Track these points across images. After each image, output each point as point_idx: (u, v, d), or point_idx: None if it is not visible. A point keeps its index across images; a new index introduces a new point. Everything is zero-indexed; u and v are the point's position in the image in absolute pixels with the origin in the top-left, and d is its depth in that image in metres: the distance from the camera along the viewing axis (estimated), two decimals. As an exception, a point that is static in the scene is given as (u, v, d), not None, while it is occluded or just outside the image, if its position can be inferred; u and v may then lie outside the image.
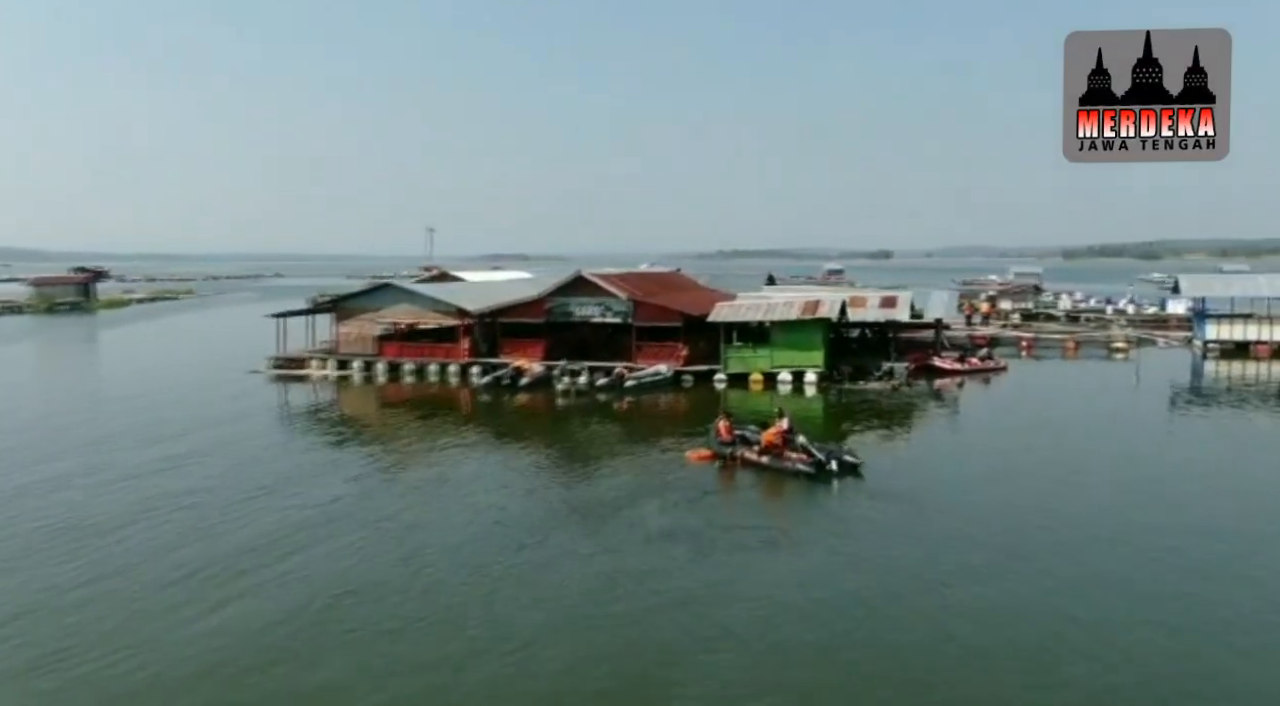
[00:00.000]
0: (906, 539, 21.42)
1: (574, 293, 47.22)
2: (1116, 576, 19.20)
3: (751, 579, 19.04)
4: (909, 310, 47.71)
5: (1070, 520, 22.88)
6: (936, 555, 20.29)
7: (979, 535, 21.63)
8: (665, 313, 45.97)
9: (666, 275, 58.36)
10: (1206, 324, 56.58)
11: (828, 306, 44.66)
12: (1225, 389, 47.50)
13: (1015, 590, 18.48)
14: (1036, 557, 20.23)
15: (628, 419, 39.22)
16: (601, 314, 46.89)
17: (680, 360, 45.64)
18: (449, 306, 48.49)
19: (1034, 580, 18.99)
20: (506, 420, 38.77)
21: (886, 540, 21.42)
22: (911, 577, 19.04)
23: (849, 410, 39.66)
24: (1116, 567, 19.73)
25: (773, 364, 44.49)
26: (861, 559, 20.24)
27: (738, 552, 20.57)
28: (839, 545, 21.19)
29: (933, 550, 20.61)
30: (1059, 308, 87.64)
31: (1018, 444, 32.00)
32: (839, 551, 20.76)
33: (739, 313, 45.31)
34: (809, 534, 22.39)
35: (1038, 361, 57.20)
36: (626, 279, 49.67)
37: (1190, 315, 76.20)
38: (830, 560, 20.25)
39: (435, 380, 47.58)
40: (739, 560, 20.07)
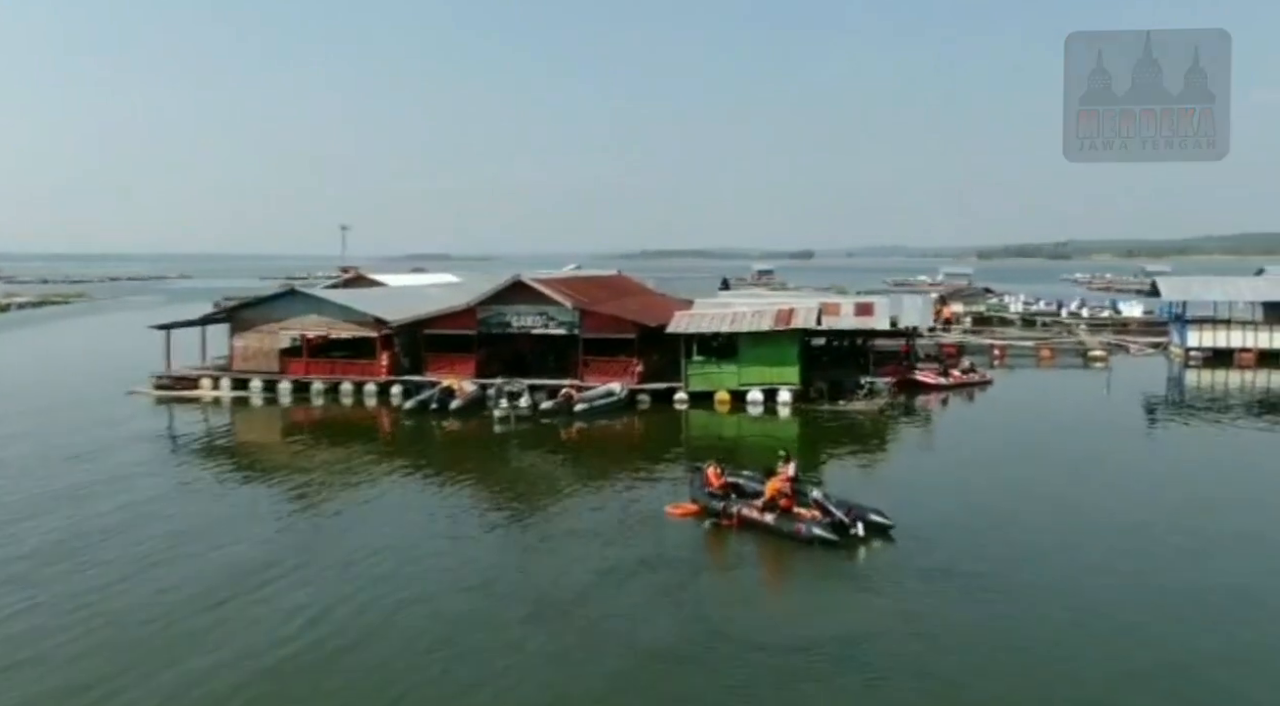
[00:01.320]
0: (1004, 649, 15.51)
1: (511, 300, 40.68)
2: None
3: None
4: (887, 319, 42.23)
5: (1218, 611, 17.21)
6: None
7: (1095, 631, 15.83)
8: (617, 323, 39.71)
9: (612, 279, 52.05)
10: (1188, 330, 52.26)
11: (803, 315, 38.84)
12: (1240, 404, 42.86)
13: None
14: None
15: (579, 450, 32.92)
16: (543, 324, 40.44)
17: (634, 377, 39.45)
18: (364, 316, 41.53)
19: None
20: (433, 452, 32.10)
21: (979, 659, 15.42)
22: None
23: (833, 436, 33.89)
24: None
25: (741, 381, 38.53)
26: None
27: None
28: (921, 668, 15.12)
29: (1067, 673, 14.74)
30: (1010, 310, 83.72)
31: (1053, 483, 26.47)
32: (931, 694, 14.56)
33: (702, 323, 39.25)
34: (863, 655, 15.37)
35: (1011, 371, 52.33)
36: (571, 284, 43.28)
37: (1161, 319, 72.71)
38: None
39: (349, 401, 40.64)
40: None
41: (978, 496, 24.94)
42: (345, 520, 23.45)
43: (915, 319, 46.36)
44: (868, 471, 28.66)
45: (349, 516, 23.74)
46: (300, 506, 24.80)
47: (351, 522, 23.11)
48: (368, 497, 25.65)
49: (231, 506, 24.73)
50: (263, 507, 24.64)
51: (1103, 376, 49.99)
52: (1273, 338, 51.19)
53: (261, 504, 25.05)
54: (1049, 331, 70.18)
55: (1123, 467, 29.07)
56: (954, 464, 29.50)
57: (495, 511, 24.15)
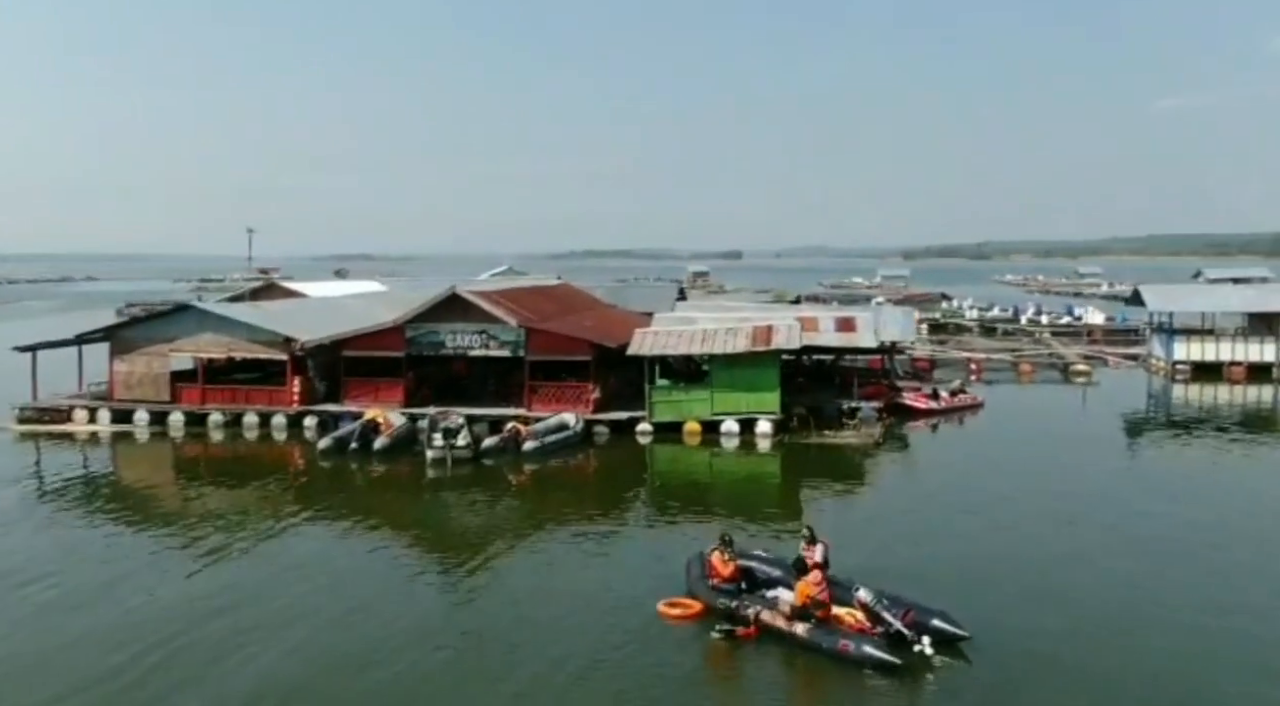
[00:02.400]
0: None
1: (445, 316, 34.69)
2: None
3: None
4: (872, 335, 37.16)
5: None
6: None
7: None
8: (569, 343, 33.99)
9: (559, 289, 46.13)
10: (1175, 342, 48.34)
11: (784, 333, 33.54)
12: (1261, 426, 38.65)
13: None
14: None
15: (530, 501, 27.18)
16: (483, 345, 34.55)
17: (590, 406, 33.81)
18: (272, 335, 35.15)
19: None
20: (349, 505, 25.90)
21: None
22: None
23: (825, 476, 28.70)
24: None
25: (714, 410, 33.12)
26: None
27: None
28: None
29: None
30: (966, 317, 79.94)
31: (1115, 552, 21.53)
32: None
33: (668, 343, 33.74)
34: None
35: (990, 387, 47.84)
36: (514, 297, 37.40)
37: (1125, 327, 69.33)
38: None
39: (255, 436, 34.31)
40: None
41: (1043, 578, 19.72)
42: (236, 591, 17.67)
43: (896, 333, 41.55)
44: (885, 532, 23.30)
45: (241, 585, 17.88)
46: (193, 565, 19.32)
47: (242, 595, 17.35)
48: (268, 558, 19.93)
49: (106, 565, 19.49)
50: (144, 568, 18.99)
51: (1090, 392, 45.90)
52: (1263, 350, 47.53)
53: (143, 566, 19.38)
54: (1015, 340, 66.26)
55: (1181, 524, 24.23)
56: (991, 524, 24.15)
57: (425, 597, 18.28)
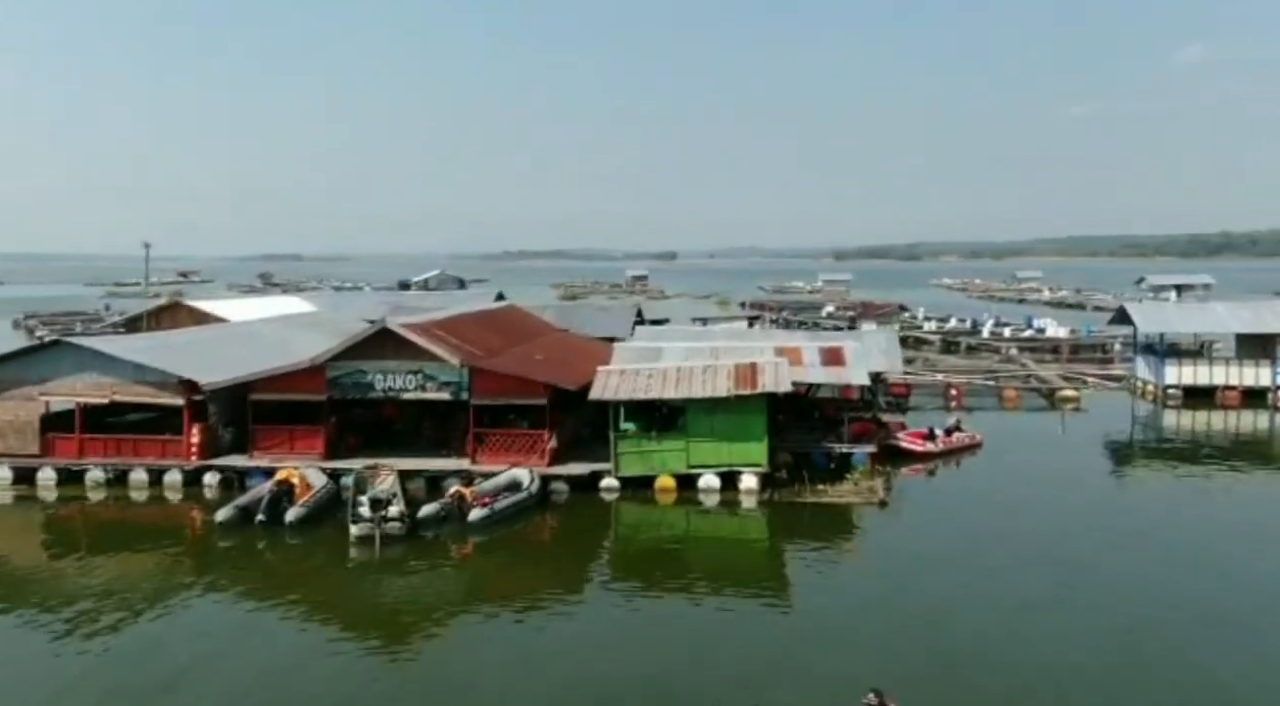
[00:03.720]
0: None
1: (374, 353, 29.24)
2: None
3: None
4: (865, 369, 32.53)
5: None
6: None
7: None
8: (521, 385, 28.76)
9: (504, 315, 40.53)
10: (1166, 365, 44.82)
11: (771, 373, 28.72)
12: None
13: None
14: None
15: (479, 596, 21.87)
16: (419, 386, 29.17)
17: (545, 456, 28.68)
18: (166, 375, 29.32)
19: None
20: (251, 593, 20.47)
21: None
22: None
23: (821, 540, 24.00)
24: None
25: (690, 462, 28.21)
26: None
27: None
28: None
29: None
30: (925, 329, 76.35)
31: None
32: None
33: (638, 384, 28.71)
34: None
35: (973, 415, 43.70)
36: (455, 328, 32.00)
37: (1090, 341, 66.25)
38: None
39: (144, 496, 28.54)
40: None
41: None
42: None
43: (883, 363, 36.98)
44: (902, 621, 18.56)
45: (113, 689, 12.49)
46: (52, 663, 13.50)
47: None
48: (144, 656, 14.32)
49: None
50: None
51: (1079, 420, 42.16)
52: (1258, 374, 44.24)
53: None
54: (981, 356, 62.60)
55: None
56: (1019, 606, 19.68)
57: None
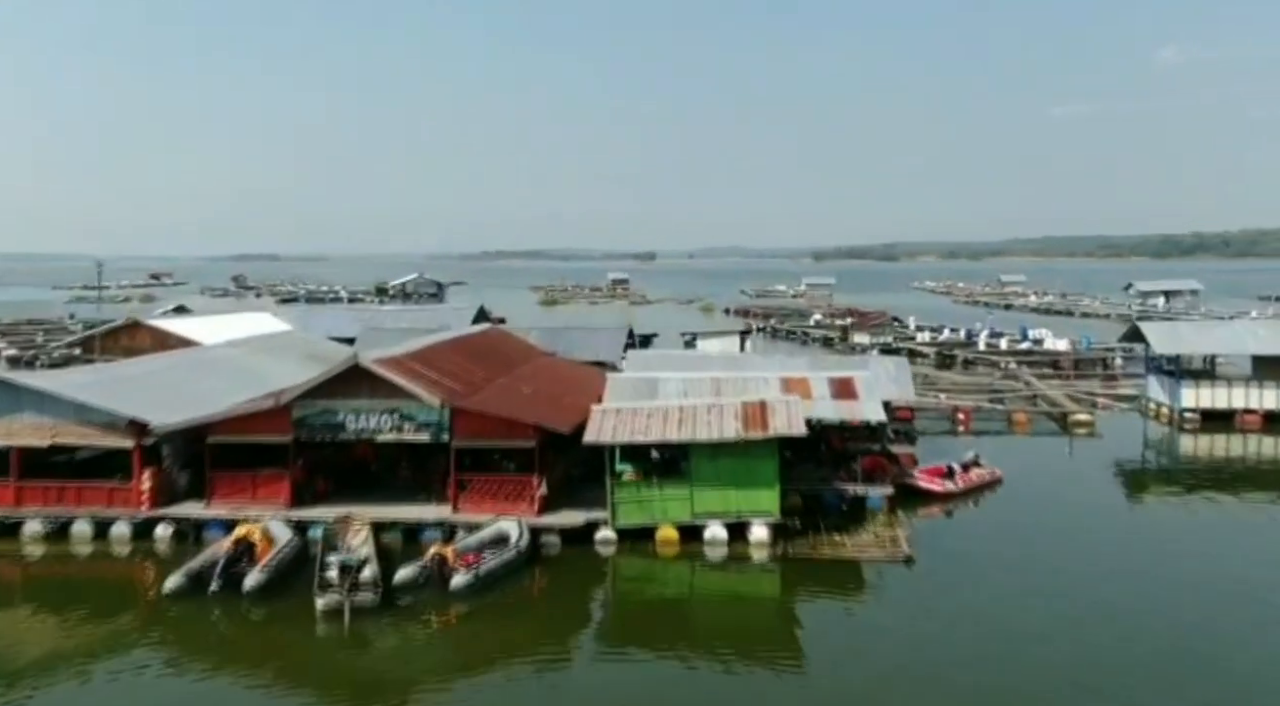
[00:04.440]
0: None
1: (345, 391, 26.34)
2: None
3: None
4: (879, 401, 29.89)
5: None
6: None
7: None
8: (508, 426, 25.92)
9: (487, 340, 37.33)
10: (1182, 387, 42.56)
11: (784, 413, 26.01)
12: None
13: None
14: None
15: (468, 659, 19.09)
16: (395, 427, 26.30)
17: (535, 504, 25.92)
18: (113, 416, 26.30)
19: None
20: (204, 678, 17.64)
21: None
22: None
23: (839, 597, 21.38)
24: None
25: (695, 511, 25.50)
26: None
27: None
28: None
29: None
30: (918, 341, 74.00)
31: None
32: None
33: (637, 425, 25.94)
34: None
35: (981, 439, 41.36)
36: (434, 359, 29.10)
37: (1090, 355, 64.12)
38: None
39: (88, 550, 25.58)
40: None
41: None
42: None
43: (893, 391, 34.33)
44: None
45: None
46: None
47: None
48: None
49: None
50: None
51: (1094, 446, 39.94)
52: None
53: None
54: (977, 372, 60.24)
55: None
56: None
57: None
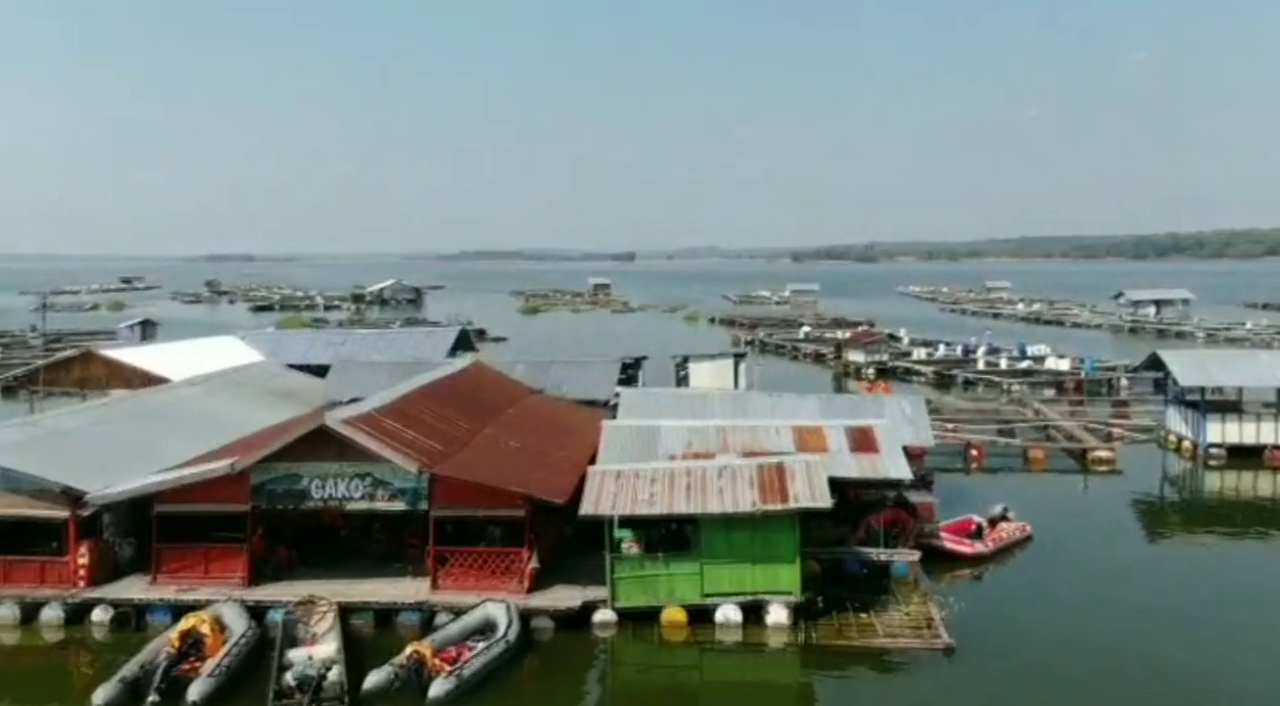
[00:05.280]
0: None
1: (311, 454, 23.21)
2: None
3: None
4: (900, 454, 27.03)
5: None
6: None
7: None
8: (495, 494, 22.91)
9: (467, 381, 33.43)
10: (1208, 422, 40.09)
11: (804, 480, 23.05)
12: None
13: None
14: None
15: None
16: (366, 495, 23.22)
17: (525, 580, 22.92)
18: (45, 484, 23.08)
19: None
20: None
21: None
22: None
23: (871, 698, 18.57)
24: None
25: (705, 590, 22.56)
26: None
27: None
28: None
29: None
30: (913, 358, 71.43)
31: None
32: None
33: (639, 494, 22.94)
34: None
35: (995, 477, 38.77)
36: (411, 411, 25.91)
37: (1094, 376, 61.71)
38: None
39: (13, 639, 22.37)
40: None
41: None
42: None
43: (908, 434, 31.45)
44: None
45: None
46: None
47: None
48: None
49: None
50: None
51: (1117, 484, 37.49)
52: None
53: None
54: (979, 395, 57.65)
55: None
56: None
57: None
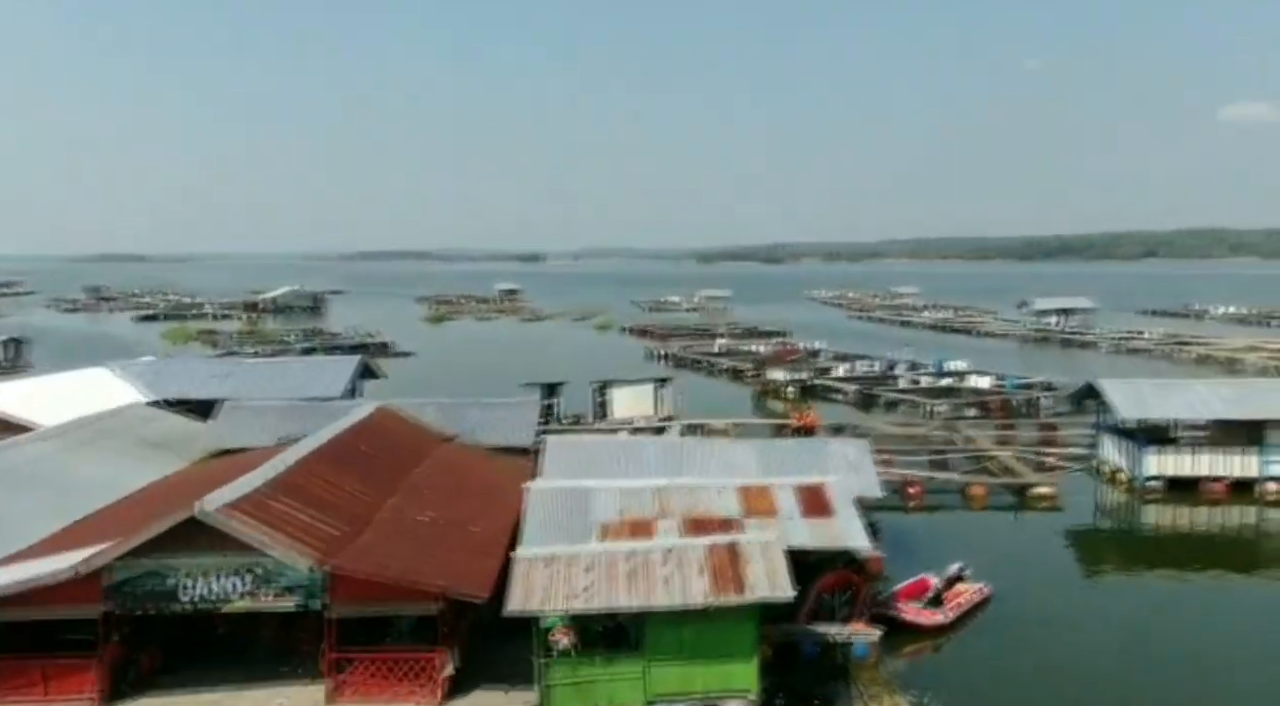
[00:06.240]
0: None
1: (180, 545, 19.42)
2: None
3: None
4: (856, 518, 24.44)
5: None
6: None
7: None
8: (401, 593, 19.43)
9: (374, 434, 29.45)
10: (1146, 455, 38.85)
11: (763, 565, 20.12)
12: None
13: None
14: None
15: None
16: (249, 592, 19.51)
17: (439, 689, 19.53)
18: None
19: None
20: None
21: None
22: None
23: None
24: None
25: (651, 693, 19.54)
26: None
27: None
28: None
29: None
30: (833, 375, 69.72)
31: None
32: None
33: (573, 585, 19.74)
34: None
35: (933, 517, 36.86)
36: (305, 484, 22.17)
37: (1014, 394, 60.89)
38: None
39: None
40: None
41: None
42: None
43: (854, 482, 28.52)
44: None
45: None
46: None
47: None
48: None
49: None
50: None
51: (1057, 522, 35.98)
52: (1245, 463, 38.70)
53: None
54: (902, 416, 56.04)
55: None
56: None
57: None
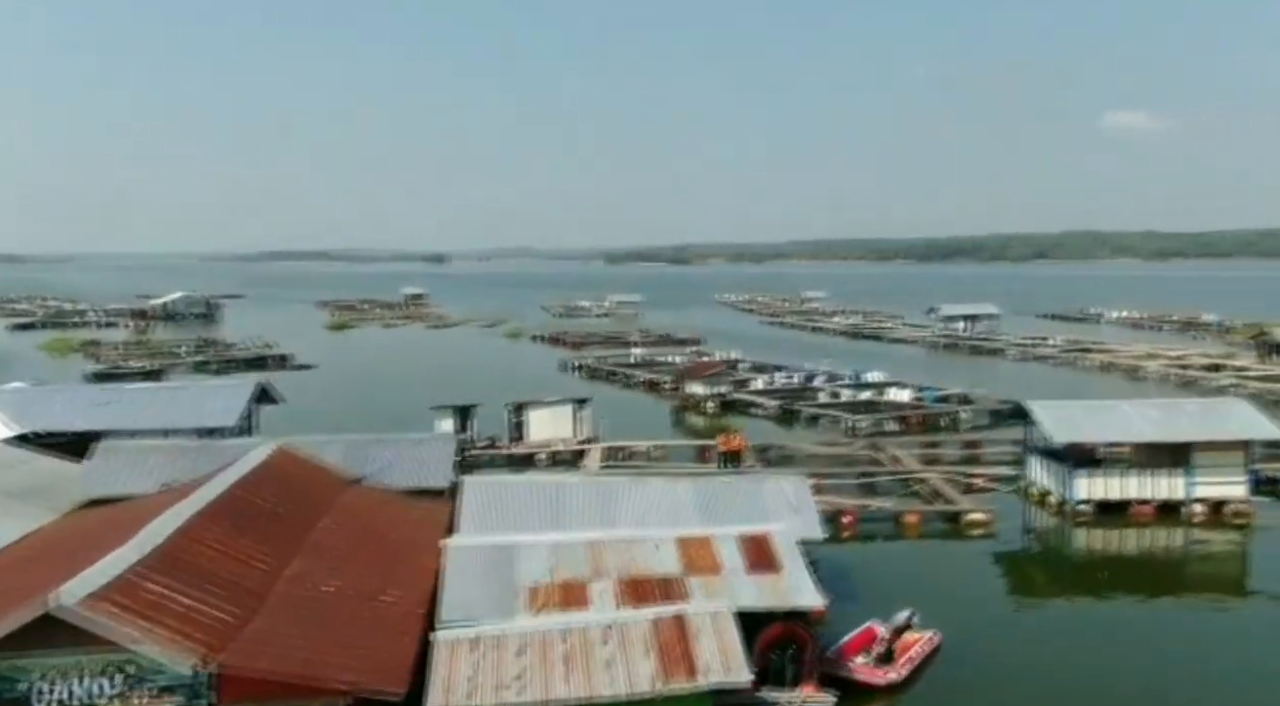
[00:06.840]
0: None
1: (35, 642, 16.40)
2: None
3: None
4: (805, 572, 22.57)
5: None
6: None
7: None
8: (300, 692, 16.76)
9: (272, 483, 25.85)
10: (1076, 478, 38.27)
11: (714, 642, 18.10)
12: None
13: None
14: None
15: None
16: (119, 694, 16.64)
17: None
18: None
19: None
20: None
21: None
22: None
23: None
24: None
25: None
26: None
27: None
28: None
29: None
30: (753, 387, 68.49)
31: None
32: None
33: (505, 669, 17.37)
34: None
35: (867, 546, 35.52)
36: (185, 557, 19.17)
37: (938, 408, 60.44)
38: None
39: None
40: None
41: None
42: None
43: (797, 525, 26.88)
44: None
45: None
46: None
47: None
48: None
49: None
50: None
51: (991, 549, 35.09)
52: (1171, 485, 38.46)
53: None
54: (823, 433, 54.93)
55: None
56: None
57: None
